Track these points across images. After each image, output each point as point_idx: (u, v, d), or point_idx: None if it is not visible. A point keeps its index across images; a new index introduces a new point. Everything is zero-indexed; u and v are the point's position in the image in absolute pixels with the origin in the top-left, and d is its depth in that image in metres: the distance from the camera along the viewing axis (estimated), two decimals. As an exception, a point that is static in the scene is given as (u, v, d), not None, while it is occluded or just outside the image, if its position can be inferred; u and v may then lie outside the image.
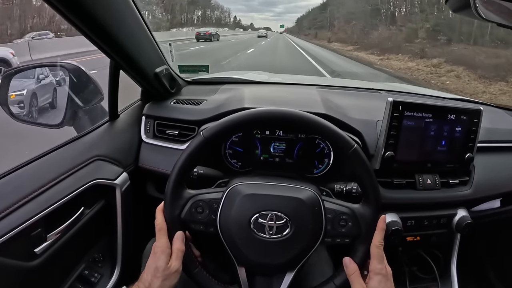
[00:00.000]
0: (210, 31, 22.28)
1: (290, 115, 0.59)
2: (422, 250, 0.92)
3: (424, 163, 0.80)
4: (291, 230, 0.58)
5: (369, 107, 0.90)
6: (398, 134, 0.76)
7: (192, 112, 0.88)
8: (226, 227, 0.58)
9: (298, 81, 1.28)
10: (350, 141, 0.59)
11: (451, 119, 0.78)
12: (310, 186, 0.63)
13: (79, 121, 0.86)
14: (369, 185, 0.60)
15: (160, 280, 0.55)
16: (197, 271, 0.61)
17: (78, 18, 0.56)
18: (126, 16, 0.67)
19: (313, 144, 0.83)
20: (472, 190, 0.83)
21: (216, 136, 0.59)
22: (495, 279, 1.14)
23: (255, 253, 0.59)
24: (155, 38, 0.80)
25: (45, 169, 0.66)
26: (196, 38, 20.59)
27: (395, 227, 0.76)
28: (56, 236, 0.64)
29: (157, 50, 0.84)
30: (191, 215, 0.60)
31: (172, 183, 0.59)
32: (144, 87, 0.91)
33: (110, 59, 0.74)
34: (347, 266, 0.59)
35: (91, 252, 0.77)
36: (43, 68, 0.97)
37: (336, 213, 0.60)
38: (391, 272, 0.58)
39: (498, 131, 0.95)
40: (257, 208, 0.58)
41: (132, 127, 0.89)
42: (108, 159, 0.78)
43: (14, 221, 0.55)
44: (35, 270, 0.59)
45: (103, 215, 0.77)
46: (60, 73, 0.94)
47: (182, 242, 0.58)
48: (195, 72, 1.13)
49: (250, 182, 0.62)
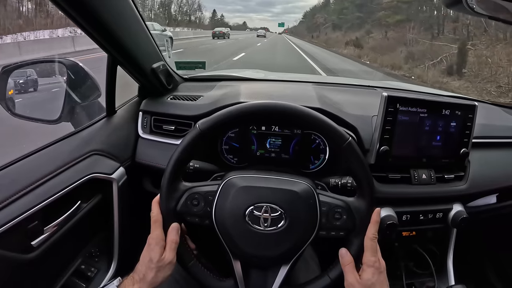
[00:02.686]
0: (223, 30, 28.51)
1: (285, 108, 0.59)
2: (418, 245, 0.92)
3: (419, 158, 0.80)
4: (285, 223, 0.58)
5: (365, 103, 0.91)
6: (393, 129, 0.76)
7: (189, 107, 0.89)
8: (221, 220, 0.59)
9: (295, 78, 1.28)
10: (345, 135, 0.59)
11: (446, 114, 0.78)
12: (305, 179, 0.63)
13: (76, 116, 0.86)
14: (364, 178, 0.60)
15: (154, 272, 0.56)
16: (192, 264, 0.61)
17: (77, 12, 0.57)
18: (123, 11, 0.68)
19: (309, 139, 0.83)
20: (468, 185, 0.84)
21: (212, 128, 0.60)
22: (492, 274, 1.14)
23: (250, 246, 0.59)
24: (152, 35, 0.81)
25: (43, 163, 0.67)
26: (212, 36, 26.45)
27: (390, 221, 0.76)
28: (53, 229, 0.64)
29: (154, 46, 0.84)
30: (186, 207, 0.60)
31: (168, 175, 0.59)
32: (141, 83, 0.91)
33: (108, 54, 0.75)
34: (343, 257, 0.59)
35: (87, 247, 0.78)
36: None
37: (330, 206, 0.60)
38: (384, 265, 0.59)
39: (494, 127, 0.96)
40: (252, 200, 0.58)
41: (129, 123, 0.90)
42: (105, 154, 0.78)
43: (11, 213, 0.56)
44: (31, 262, 0.59)
45: (100, 210, 0.77)
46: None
47: (176, 234, 0.59)
48: (192, 69, 1.14)
49: (246, 175, 0.62)
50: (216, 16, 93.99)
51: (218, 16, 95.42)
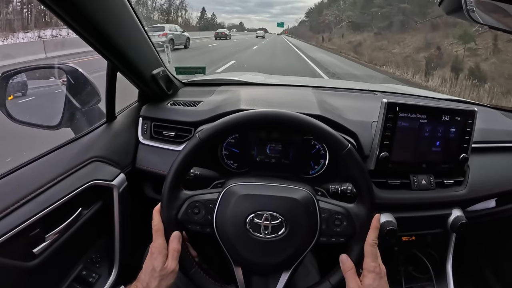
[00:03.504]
0: (225, 31, 29.81)
1: (284, 116, 0.60)
2: (418, 249, 0.92)
3: (418, 163, 0.81)
4: (286, 230, 0.58)
5: (365, 108, 0.91)
6: (393, 135, 0.77)
7: (189, 113, 0.89)
8: (222, 227, 0.59)
9: (294, 82, 1.28)
10: (344, 142, 0.60)
11: (445, 120, 0.79)
12: (305, 186, 0.63)
13: (76, 122, 0.86)
14: (363, 185, 0.60)
15: (158, 280, 0.56)
16: (194, 271, 0.61)
17: (75, 21, 0.57)
18: (123, 19, 0.68)
19: (309, 145, 0.83)
20: (467, 190, 0.84)
21: (212, 137, 0.60)
22: (492, 278, 1.14)
23: (251, 253, 0.59)
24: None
25: (44, 170, 0.67)
26: (214, 37, 27.20)
27: (390, 227, 0.77)
28: (55, 236, 0.64)
29: (154, 52, 0.84)
30: (187, 215, 0.60)
31: (168, 184, 0.59)
32: (141, 89, 0.91)
33: (108, 61, 0.75)
34: (344, 263, 0.60)
35: (89, 253, 0.78)
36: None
37: (330, 213, 0.60)
38: (385, 270, 0.59)
39: (493, 131, 0.96)
40: (253, 208, 0.59)
41: (129, 129, 0.90)
42: (105, 160, 0.78)
43: (13, 221, 0.56)
44: (33, 270, 0.60)
45: (101, 216, 0.77)
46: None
47: (178, 242, 0.59)
48: (192, 74, 1.14)
49: (246, 182, 0.62)
50: (205, 15, 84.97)
51: (207, 16, 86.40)
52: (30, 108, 0.89)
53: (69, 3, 0.53)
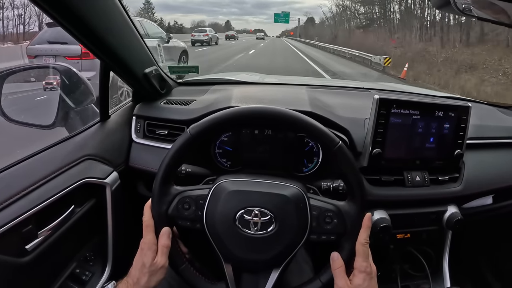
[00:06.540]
0: (234, 33, 25.69)
1: (273, 112, 0.59)
2: (413, 247, 0.92)
3: (412, 160, 0.80)
4: (275, 227, 0.58)
5: (358, 106, 0.90)
6: (385, 132, 0.76)
7: (182, 112, 0.89)
8: (212, 223, 0.59)
9: (290, 81, 1.28)
10: (335, 138, 0.59)
11: (439, 115, 0.78)
12: (295, 183, 0.63)
13: (71, 121, 0.87)
14: (354, 182, 0.60)
15: (147, 276, 0.56)
16: (184, 267, 0.61)
17: (67, 20, 0.58)
18: (114, 18, 0.68)
19: (302, 143, 0.83)
20: (462, 186, 0.83)
21: (202, 133, 0.60)
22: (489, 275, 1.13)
23: (240, 249, 0.59)
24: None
25: (37, 168, 0.67)
26: (225, 38, 24.90)
27: (384, 224, 0.76)
28: (47, 233, 0.65)
29: (146, 51, 0.85)
30: (178, 211, 0.60)
31: (159, 179, 0.60)
32: (135, 88, 0.92)
33: (100, 60, 0.75)
34: (334, 260, 0.59)
35: (82, 251, 0.78)
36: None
37: (321, 210, 0.60)
38: (375, 270, 0.59)
39: (488, 127, 0.95)
40: (242, 205, 0.58)
41: (122, 127, 0.90)
42: (98, 159, 0.79)
43: (6, 217, 0.56)
44: (26, 266, 0.60)
45: (94, 214, 0.77)
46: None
47: (168, 238, 0.59)
48: (185, 73, 1.15)
49: (236, 179, 0.62)
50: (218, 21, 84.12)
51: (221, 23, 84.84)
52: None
53: (61, 3, 0.54)
